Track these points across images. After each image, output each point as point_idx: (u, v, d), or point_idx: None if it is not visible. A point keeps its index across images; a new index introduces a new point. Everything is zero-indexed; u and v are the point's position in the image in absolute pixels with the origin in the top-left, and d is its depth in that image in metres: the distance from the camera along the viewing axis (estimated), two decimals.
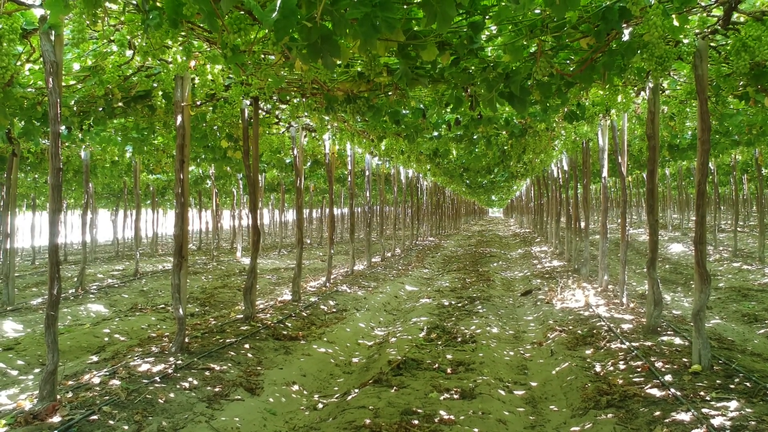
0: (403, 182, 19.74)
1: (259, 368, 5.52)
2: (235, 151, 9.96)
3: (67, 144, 10.26)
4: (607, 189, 10.15)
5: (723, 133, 10.51)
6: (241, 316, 7.50)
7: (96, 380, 4.81)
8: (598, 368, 5.61)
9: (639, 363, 5.46)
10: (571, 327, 7.41)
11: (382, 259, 15.61)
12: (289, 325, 7.39)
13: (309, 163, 14.57)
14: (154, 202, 22.42)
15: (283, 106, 8.04)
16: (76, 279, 11.66)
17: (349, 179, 12.29)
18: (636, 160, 15.44)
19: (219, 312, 9.22)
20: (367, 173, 13.91)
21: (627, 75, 5.11)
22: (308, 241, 26.48)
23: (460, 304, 9.19)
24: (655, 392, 4.69)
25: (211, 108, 7.55)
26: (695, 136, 11.04)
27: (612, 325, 7.13)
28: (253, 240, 7.40)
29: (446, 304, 9.25)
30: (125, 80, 5.86)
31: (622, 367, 5.50)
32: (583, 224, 12.35)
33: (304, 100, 6.79)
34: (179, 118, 5.78)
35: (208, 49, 4.95)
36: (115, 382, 4.72)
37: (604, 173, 9.99)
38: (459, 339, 6.88)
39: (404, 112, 6.89)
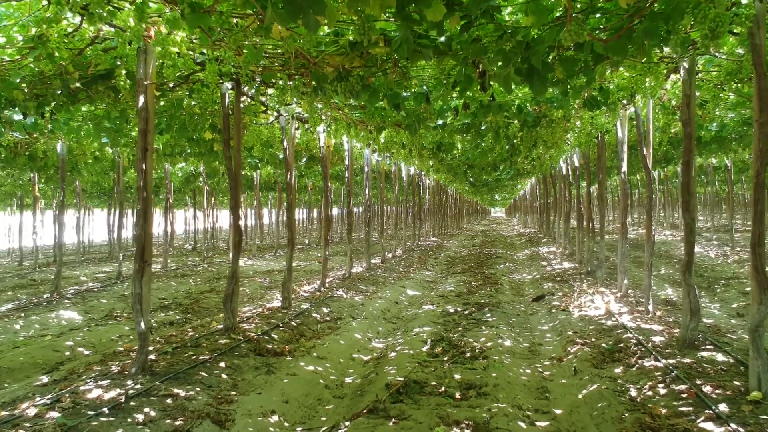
0: (405, 180, 18.90)
1: (233, 393, 4.67)
2: (221, 145, 9.14)
3: (35, 135, 9.43)
4: (626, 185, 9.29)
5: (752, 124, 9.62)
6: (222, 326, 6.67)
7: (32, 411, 3.98)
8: (633, 392, 4.76)
9: (683, 387, 4.62)
10: (593, 339, 6.56)
11: (382, 261, 14.77)
12: (275, 337, 6.55)
13: (304, 159, 13.72)
14: None
15: (270, 92, 7.21)
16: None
17: (347, 175, 11.44)
18: (653, 154, 14.50)
19: (201, 320, 8.38)
20: (366, 169, 13.06)
21: (671, 44, 4.26)
22: (307, 242, 25.66)
23: (466, 312, 8.34)
24: (711, 427, 3.85)
25: (187, 93, 6.73)
26: (722, 127, 10.17)
27: (641, 337, 6.28)
28: (234, 241, 6.56)
29: (451, 311, 8.40)
30: (79, 54, 5.03)
31: (662, 391, 4.65)
32: (598, 224, 11.51)
33: (290, 83, 5.95)
34: (141, 99, 4.95)
35: (168, 11, 4.11)
36: (53, 414, 3.89)
37: (624, 167, 9.15)
38: (467, 354, 6.03)
39: (405, 95, 6.05)
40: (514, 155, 11.74)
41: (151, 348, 6.13)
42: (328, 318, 7.86)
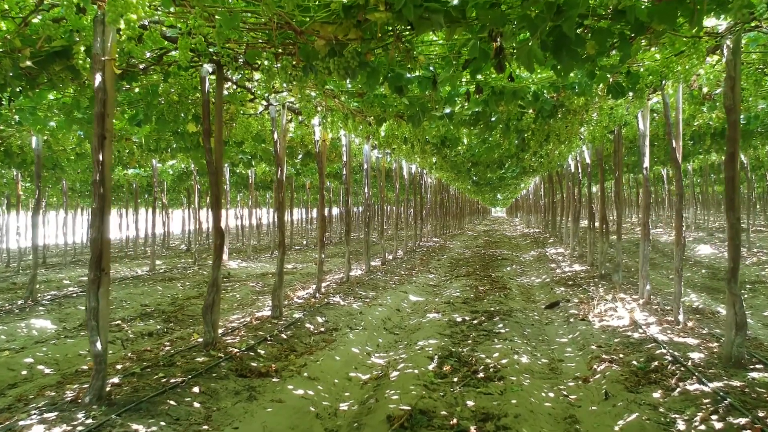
0: (406, 178, 18.13)
1: (205, 428, 3.91)
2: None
3: (1, 128, 8.67)
4: (648, 182, 8.53)
5: None
6: (202, 340, 5.91)
7: None
8: (681, 425, 4.00)
9: (743, 421, 3.86)
10: (621, 355, 5.80)
11: (382, 263, 14.00)
12: (262, 353, 5.79)
13: (300, 156, 12.97)
14: (137, 202, 20.81)
15: (257, 77, 6.45)
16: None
17: (345, 172, 10.67)
18: (662, 151, 13.66)
19: (184, 330, 7.63)
20: (365, 166, 12.29)
21: (734, 6, 3.49)
22: (305, 242, 24.92)
23: (475, 321, 7.58)
24: None
25: (162, 77, 5.96)
26: (750, 119, 9.39)
27: (677, 353, 5.53)
28: (215, 245, 5.80)
29: (459, 320, 7.64)
30: (24, 25, 4.27)
31: (718, 425, 3.89)
32: (613, 224, 10.77)
33: (278, 66, 5.18)
34: (98, 77, 4.19)
35: None
36: None
37: (646, 163, 8.40)
38: (480, 373, 5.27)
39: (409, 76, 5.28)
40: (523, 151, 10.97)
41: (119, 366, 5.40)
42: (322, 329, 7.09)
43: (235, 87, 6.87)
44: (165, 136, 9.85)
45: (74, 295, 10.31)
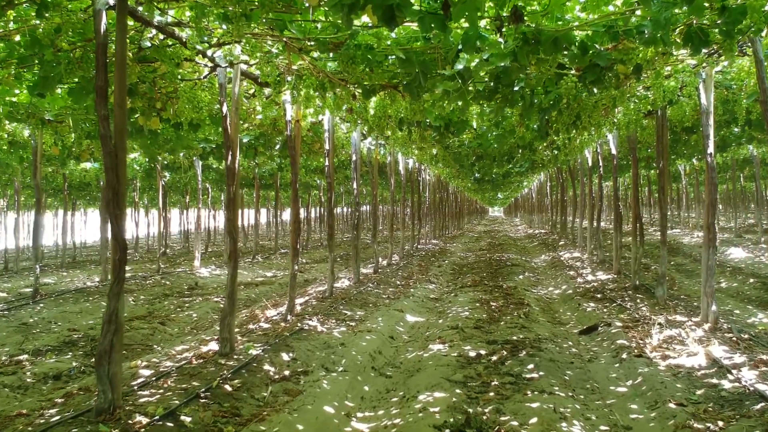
0: (402, 174, 16.20)
1: None
2: (150, 118, 6.50)
3: None
4: (714, 171, 6.63)
5: None
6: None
7: None
8: None
9: None
10: (721, 423, 3.90)
11: (375, 271, 12.08)
12: (187, 422, 3.86)
13: (278, 145, 11.03)
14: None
15: (188, 15, 4.52)
16: None
17: (326, 163, 8.75)
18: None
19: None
20: (353, 158, 10.38)
21: None
22: None
23: (495, 357, 5.66)
24: None
25: (36, 9, 4.02)
26: None
27: None
28: (113, 260, 3.85)
29: (473, 355, 5.72)
30: None
31: None
32: (654, 226, 8.88)
33: None
34: None
35: None
36: None
37: (710, 147, 6.53)
38: None
39: None
40: (546, 136, 9.02)
41: None
42: (287, 372, 5.17)
43: (162, 37, 4.94)
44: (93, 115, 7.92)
45: None
